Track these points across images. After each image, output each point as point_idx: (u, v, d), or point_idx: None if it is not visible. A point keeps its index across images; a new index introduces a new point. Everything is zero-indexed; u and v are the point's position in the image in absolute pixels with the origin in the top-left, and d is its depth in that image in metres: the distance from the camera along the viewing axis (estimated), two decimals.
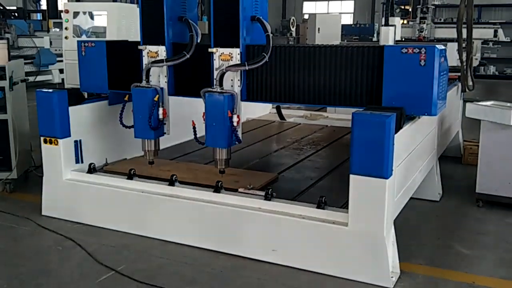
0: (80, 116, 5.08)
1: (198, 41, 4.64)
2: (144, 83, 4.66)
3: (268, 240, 4.14)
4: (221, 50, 4.36)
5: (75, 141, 5.02)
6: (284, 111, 8.17)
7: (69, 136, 4.95)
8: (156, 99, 4.62)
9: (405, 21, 17.46)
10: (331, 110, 8.25)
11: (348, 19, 30.48)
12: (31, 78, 11.82)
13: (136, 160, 5.44)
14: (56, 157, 4.93)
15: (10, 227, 4.87)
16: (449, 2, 19.77)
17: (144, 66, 4.69)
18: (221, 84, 4.30)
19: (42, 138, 4.96)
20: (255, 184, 4.55)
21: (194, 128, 4.58)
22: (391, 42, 9.57)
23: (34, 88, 5.39)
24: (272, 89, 4.37)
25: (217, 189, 4.40)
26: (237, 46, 4.30)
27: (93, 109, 5.26)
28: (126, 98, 4.99)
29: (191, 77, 4.69)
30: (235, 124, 4.30)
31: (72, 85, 6.99)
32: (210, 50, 4.37)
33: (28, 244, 4.54)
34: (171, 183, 4.59)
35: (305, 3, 33.17)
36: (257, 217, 4.16)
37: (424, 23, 15.37)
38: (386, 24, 10.06)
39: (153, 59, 4.65)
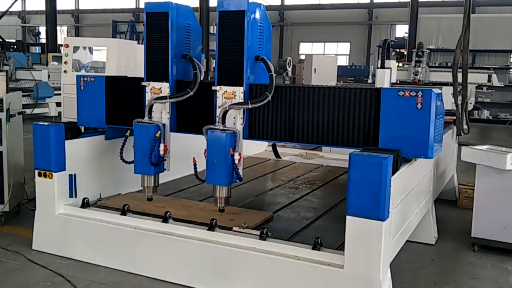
0: (76, 150, 5.05)
1: (201, 78, 4.68)
2: (146, 119, 4.68)
3: (262, 280, 4.07)
4: (224, 88, 4.38)
5: (70, 175, 4.98)
6: (279, 149, 8.17)
7: (64, 169, 4.92)
8: (157, 135, 4.62)
9: (401, 64, 17.78)
10: (326, 149, 8.27)
11: (344, 61, 30.97)
12: (28, 111, 11.80)
13: (130, 195, 5.39)
14: (50, 191, 4.88)
15: None
16: (443, 47, 20.17)
17: (147, 102, 4.71)
18: (223, 122, 4.31)
19: (36, 171, 4.92)
20: (250, 223, 4.51)
21: (195, 165, 4.56)
22: (387, 84, 9.69)
23: (30, 121, 5.37)
24: (274, 127, 4.39)
25: (211, 227, 4.35)
26: (241, 85, 4.33)
27: (90, 143, 5.24)
28: (127, 134, 4.99)
29: (193, 114, 4.70)
30: (236, 161, 4.29)
31: (69, 118, 7.00)
32: (213, 88, 4.39)
33: (17, 279, 4.44)
34: (165, 219, 4.55)
35: (301, 44, 33.74)
36: (251, 257, 4.10)
37: (419, 66, 15.67)
38: (382, 67, 10.19)
39: (156, 95, 4.67)
